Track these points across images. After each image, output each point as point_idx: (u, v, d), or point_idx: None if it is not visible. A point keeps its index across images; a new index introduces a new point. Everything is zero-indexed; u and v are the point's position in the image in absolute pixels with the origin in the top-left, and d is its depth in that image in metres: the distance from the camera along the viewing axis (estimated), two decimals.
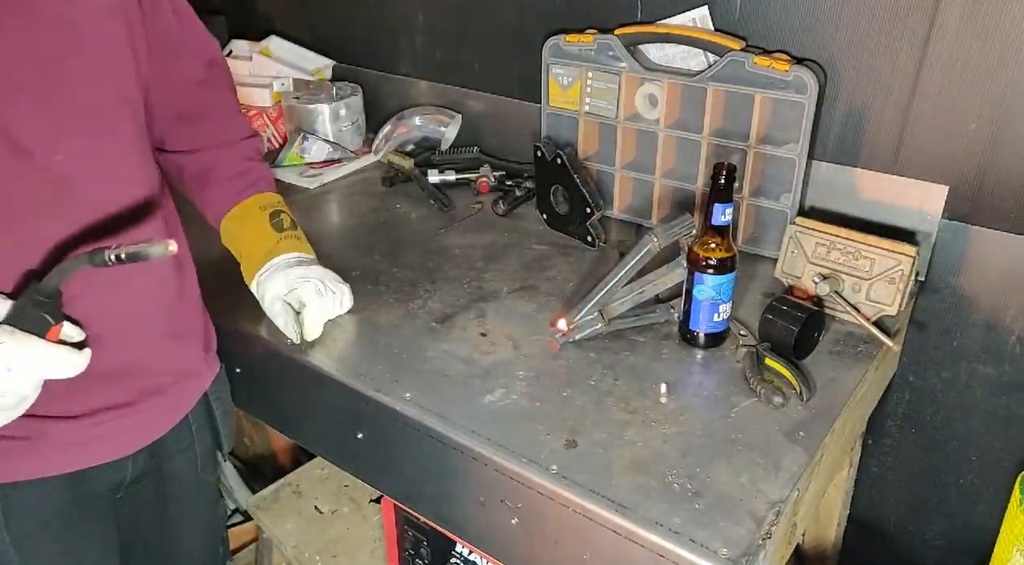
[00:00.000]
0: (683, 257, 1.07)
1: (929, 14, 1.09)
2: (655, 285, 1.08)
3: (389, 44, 1.77)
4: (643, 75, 1.31)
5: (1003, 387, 1.21)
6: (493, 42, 1.58)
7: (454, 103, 1.70)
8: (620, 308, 1.07)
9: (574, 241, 1.35)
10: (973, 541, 1.33)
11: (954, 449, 1.29)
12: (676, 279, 1.08)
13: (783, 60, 1.17)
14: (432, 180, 1.56)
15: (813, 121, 1.18)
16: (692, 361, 1.05)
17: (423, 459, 0.98)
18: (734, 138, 1.26)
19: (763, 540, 0.77)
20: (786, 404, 0.94)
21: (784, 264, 1.15)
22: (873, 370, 1.05)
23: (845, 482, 1.35)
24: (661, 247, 1.05)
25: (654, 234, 1.04)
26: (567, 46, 1.36)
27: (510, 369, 1.02)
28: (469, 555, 1.19)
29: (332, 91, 1.74)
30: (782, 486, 0.84)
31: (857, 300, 1.10)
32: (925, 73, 1.12)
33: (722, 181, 0.98)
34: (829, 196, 1.26)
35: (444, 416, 0.95)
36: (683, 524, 0.79)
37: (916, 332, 1.25)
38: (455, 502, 0.99)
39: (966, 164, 1.13)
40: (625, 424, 0.93)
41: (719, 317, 1.04)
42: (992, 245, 1.15)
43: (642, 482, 0.84)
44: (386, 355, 1.05)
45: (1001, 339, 1.18)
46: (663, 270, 1.08)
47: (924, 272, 1.21)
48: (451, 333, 1.10)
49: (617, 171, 1.39)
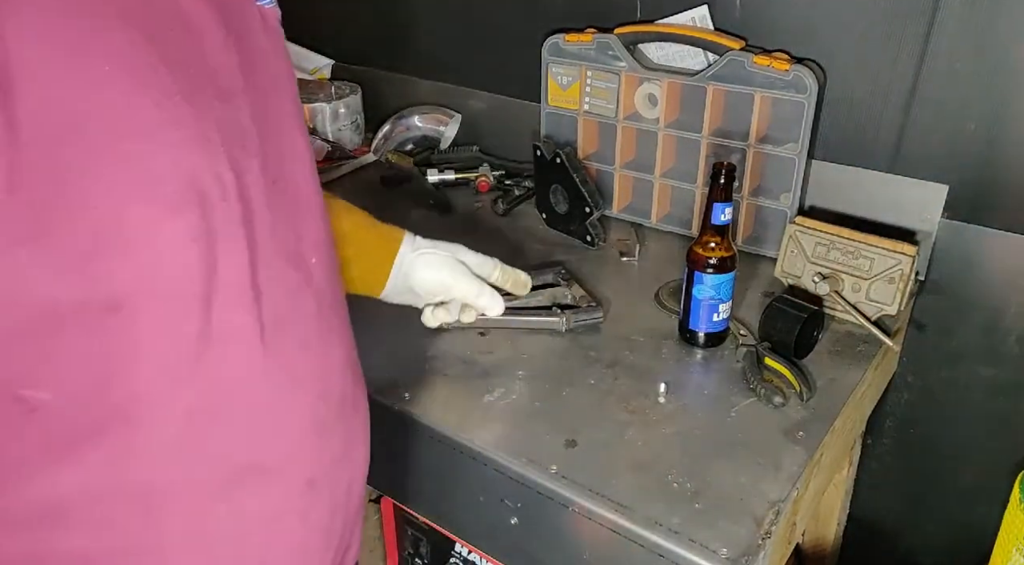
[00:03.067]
0: (564, 287, 1.14)
1: (929, 14, 1.09)
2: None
3: (388, 43, 1.76)
4: (643, 74, 1.31)
5: (1003, 387, 1.21)
6: (492, 41, 1.58)
7: (453, 102, 1.70)
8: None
9: (573, 240, 1.35)
10: (973, 541, 1.33)
11: (954, 449, 1.29)
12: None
13: (783, 60, 1.17)
14: (431, 179, 1.56)
15: (813, 121, 1.18)
16: (692, 361, 1.05)
17: (423, 459, 0.98)
18: (734, 137, 1.26)
19: (763, 540, 0.77)
20: (786, 404, 0.94)
21: (784, 264, 1.15)
22: (873, 370, 1.05)
23: (845, 482, 1.35)
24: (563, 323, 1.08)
25: (561, 314, 1.08)
26: (566, 45, 1.36)
27: (510, 369, 1.02)
28: (469, 555, 1.18)
29: (331, 90, 1.74)
30: (782, 486, 0.84)
31: (857, 300, 1.10)
32: (925, 73, 1.12)
33: (722, 180, 0.98)
34: (829, 196, 1.26)
35: (444, 416, 0.95)
36: (683, 524, 0.79)
37: (916, 332, 1.25)
38: (455, 502, 0.98)
39: (966, 164, 1.13)
40: (625, 424, 0.93)
41: (719, 317, 1.04)
42: (992, 245, 1.15)
43: (642, 482, 0.84)
44: (385, 355, 1.05)
45: (1001, 339, 1.18)
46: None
47: (924, 272, 1.21)
48: (450, 333, 1.09)
49: (617, 170, 1.39)
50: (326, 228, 0.68)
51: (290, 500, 0.62)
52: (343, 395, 0.67)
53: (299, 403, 0.62)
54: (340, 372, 0.67)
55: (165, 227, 0.50)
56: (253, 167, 0.56)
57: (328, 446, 0.65)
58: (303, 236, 0.63)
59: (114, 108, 0.47)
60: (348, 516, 0.71)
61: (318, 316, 0.64)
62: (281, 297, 0.59)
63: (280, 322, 0.59)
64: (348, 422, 0.68)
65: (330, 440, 0.66)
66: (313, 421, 0.63)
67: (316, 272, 0.64)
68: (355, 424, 0.70)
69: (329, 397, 0.65)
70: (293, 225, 0.62)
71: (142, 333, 0.51)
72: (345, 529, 0.71)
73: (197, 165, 0.52)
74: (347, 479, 0.69)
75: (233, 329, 0.56)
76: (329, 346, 0.66)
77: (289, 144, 0.63)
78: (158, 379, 0.52)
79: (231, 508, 0.58)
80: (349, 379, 0.69)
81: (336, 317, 0.68)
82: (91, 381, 0.50)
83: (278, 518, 0.61)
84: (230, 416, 0.57)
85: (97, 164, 0.46)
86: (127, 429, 0.51)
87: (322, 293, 0.64)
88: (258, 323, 0.57)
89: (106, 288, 0.49)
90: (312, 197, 0.66)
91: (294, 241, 0.61)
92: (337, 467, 0.67)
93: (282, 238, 0.60)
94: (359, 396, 0.72)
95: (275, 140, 0.61)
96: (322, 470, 0.65)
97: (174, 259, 0.52)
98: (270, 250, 0.58)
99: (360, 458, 0.72)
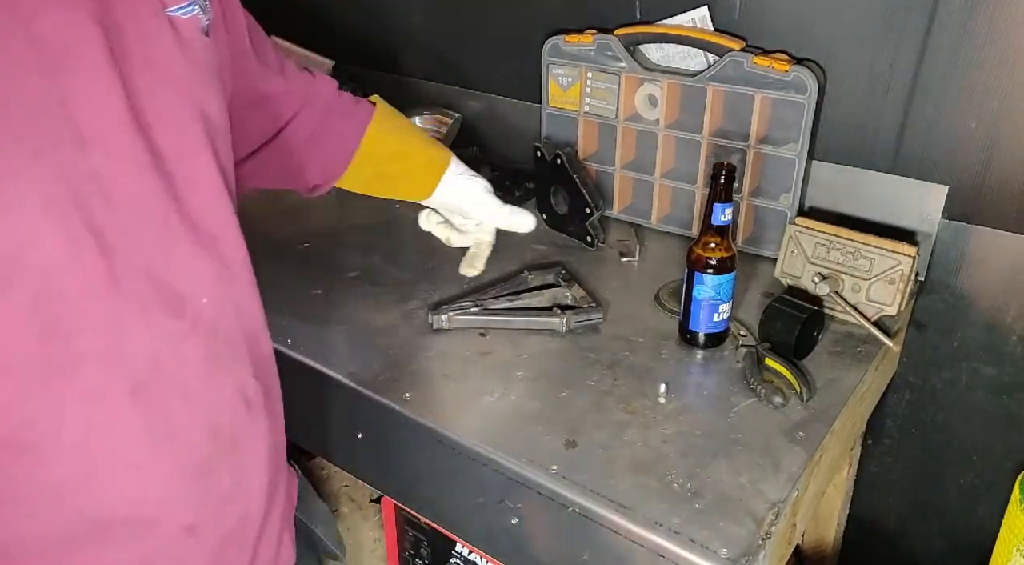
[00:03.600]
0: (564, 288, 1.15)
1: (929, 13, 1.09)
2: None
3: (389, 44, 1.77)
4: (643, 75, 1.31)
5: (1003, 387, 1.21)
6: (493, 42, 1.58)
7: (453, 103, 1.70)
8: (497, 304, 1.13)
9: (573, 241, 1.35)
10: (973, 541, 1.33)
11: (954, 449, 1.29)
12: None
13: (783, 60, 1.17)
14: None
15: (813, 121, 1.18)
16: (692, 361, 1.05)
17: (423, 459, 0.98)
18: (734, 138, 1.26)
19: (763, 540, 0.77)
20: (786, 404, 0.94)
21: (784, 264, 1.15)
22: (873, 370, 1.05)
23: (845, 482, 1.35)
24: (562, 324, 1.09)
25: (562, 315, 1.09)
26: (566, 46, 1.36)
27: (509, 369, 1.02)
28: (469, 555, 1.18)
29: None
30: (782, 486, 0.84)
31: (857, 300, 1.10)
32: (925, 73, 1.12)
33: (722, 181, 0.98)
34: (829, 196, 1.26)
35: (443, 416, 0.95)
36: (683, 524, 0.79)
37: (916, 332, 1.25)
38: (455, 502, 0.98)
39: (966, 164, 1.13)
40: (625, 424, 0.93)
41: (719, 317, 1.04)
42: (992, 245, 1.15)
43: (642, 482, 0.84)
44: (385, 355, 1.05)
45: (1001, 339, 1.18)
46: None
47: (924, 272, 1.21)
48: (450, 333, 1.09)
49: (617, 171, 1.39)
50: (236, 245, 0.67)
51: (164, 549, 0.61)
52: (234, 425, 0.66)
53: (177, 450, 0.61)
54: (230, 406, 0.65)
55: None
56: (118, 218, 0.56)
57: (215, 486, 0.64)
58: (194, 275, 0.61)
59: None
60: (245, 541, 0.70)
61: (206, 358, 0.62)
62: (155, 352, 0.58)
63: (157, 375, 0.58)
64: (240, 451, 0.67)
65: (218, 479, 0.64)
66: (194, 465, 0.62)
67: (208, 312, 0.62)
68: (251, 446, 0.68)
69: (218, 434, 0.64)
70: (179, 268, 0.60)
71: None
72: (242, 553, 0.70)
73: (35, 230, 0.51)
74: (239, 512, 0.68)
75: (99, 391, 0.56)
76: (217, 385, 0.64)
77: (189, 173, 0.61)
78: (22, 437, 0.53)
79: (90, 559, 0.57)
80: (241, 407, 0.67)
81: (230, 348, 0.65)
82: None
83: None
84: (96, 473, 0.56)
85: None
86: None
87: (214, 332, 0.63)
88: (127, 383, 0.57)
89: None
90: (218, 226, 0.64)
91: (178, 287, 0.60)
92: (226, 503, 0.66)
93: (156, 290, 0.58)
94: (257, 413, 0.69)
95: (179, 165, 0.60)
96: (207, 512, 0.64)
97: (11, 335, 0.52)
98: (136, 309, 0.57)
99: (257, 482, 0.70)
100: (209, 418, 0.63)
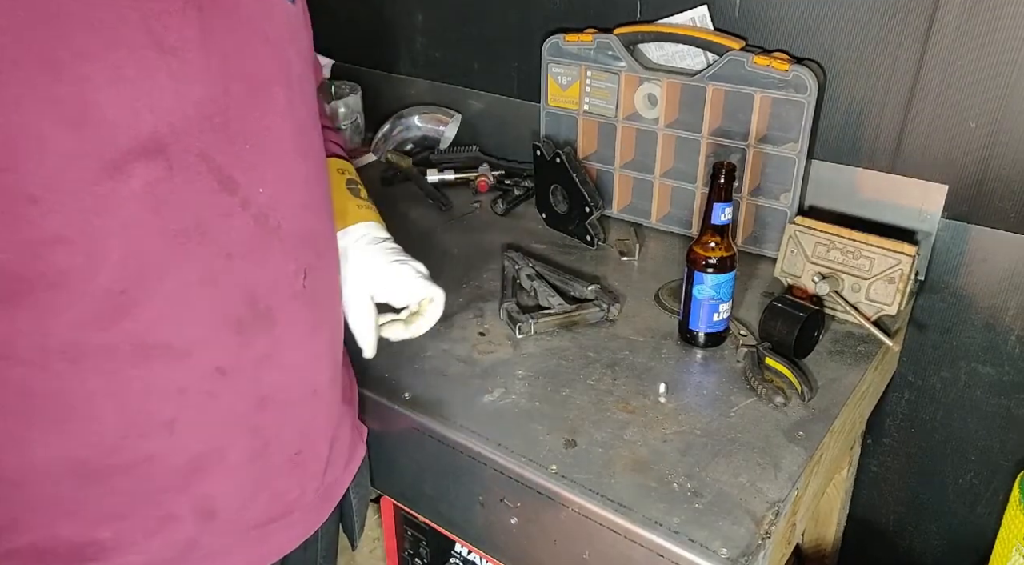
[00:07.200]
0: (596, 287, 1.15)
1: (929, 13, 1.09)
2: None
3: (388, 43, 1.76)
4: (642, 74, 1.31)
5: (1003, 387, 1.21)
6: (492, 41, 1.58)
7: (453, 102, 1.70)
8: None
9: (573, 240, 1.35)
10: (973, 541, 1.33)
11: (953, 449, 1.29)
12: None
13: (783, 59, 1.17)
14: (431, 179, 1.56)
15: (813, 120, 1.17)
16: (692, 361, 1.05)
17: (423, 459, 0.98)
18: (734, 137, 1.26)
19: (762, 540, 0.77)
20: (787, 404, 0.94)
21: (784, 263, 1.15)
22: (873, 370, 1.05)
23: (845, 482, 1.35)
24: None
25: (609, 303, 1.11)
26: (566, 45, 1.36)
27: (509, 368, 1.02)
28: (468, 555, 1.18)
29: (331, 90, 1.74)
30: (781, 486, 0.84)
31: (857, 299, 1.09)
32: (925, 72, 1.12)
33: (722, 180, 0.98)
34: (829, 195, 1.26)
35: (443, 416, 0.95)
36: (682, 524, 0.79)
37: (916, 332, 1.25)
38: (455, 502, 0.98)
39: (966, 163, 1.13)
40: (625, 424, 0.93)
41: (719, 317, 1.04)
42: (992, 245, 1.15)
43: (641, 482, 0.84)
44: (385, 355, 1.05)
45: (1001, 338, 1.18)
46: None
47: (924, 272, 1.21)
48: (450, 332, 1.09)
49: (616, 170, 1.39)
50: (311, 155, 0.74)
51: (196, 381, 0.67)
52: (272, 303, 0.70)
53: (212, 300, 0.66)
54: (271, 285, 0.70)
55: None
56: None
57: (248, 344, 0.69)
58: (253, 172, 0.66)
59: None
60: (286, 418, 0.75)
61: (253, 237, 0.67)
62: (199, 216, 0.63)
63: (199, 234, 0.63)
64: (278, 327, 0.71)
65: (252, 339, 0.69)
66: (231, 319, 0.67)
67: (260, 199, 0.67)
68: (290, 329, 0.73)
69: (255, 304, 0.69)
70: (242, 164, 0.65)
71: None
72: (285, 429, 0.75)
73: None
74: (274, 381, 0.72)
75: (141, 233, 0.62)
76: (258, 261, 0.68)
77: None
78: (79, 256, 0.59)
79: (142, 374, 0.64)
80: (284, 290, 0.71)
81: (278, 238, 0.70)
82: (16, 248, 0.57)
83: (183, 392, 0.67)
84: (144, 299, 0.62)
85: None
86: (51, 294, 0.59)
87: (263, 217, 0.68)
88: (170, 227, 0.62)
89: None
90: (278, 144, 0.69)
91: (234, 175, 0.65)
92: (259, 366, 0.71)
93: (209, 169, 0.63)
94: (301, 303, 0.74)
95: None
96: (238, 364, 0.69)
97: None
98: (183, 178, 0.62)
99: (292, 360, 0.74)
100: (249, 287, 0.68)
